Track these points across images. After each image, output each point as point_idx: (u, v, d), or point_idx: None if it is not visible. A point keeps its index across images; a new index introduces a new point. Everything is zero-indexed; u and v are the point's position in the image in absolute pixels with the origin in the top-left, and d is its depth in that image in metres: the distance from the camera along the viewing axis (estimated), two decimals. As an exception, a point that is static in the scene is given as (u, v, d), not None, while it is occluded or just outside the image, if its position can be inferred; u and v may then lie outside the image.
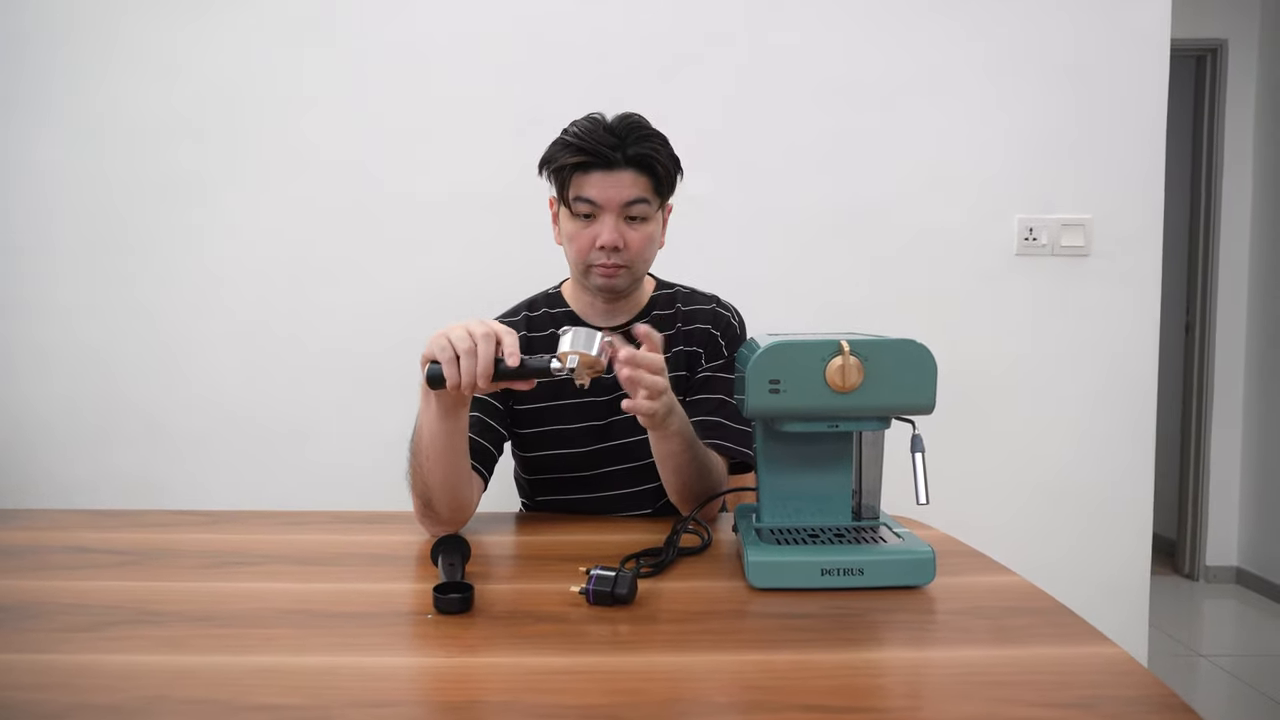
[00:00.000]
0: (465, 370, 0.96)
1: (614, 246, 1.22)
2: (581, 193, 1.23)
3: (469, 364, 0.96)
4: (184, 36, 2.03)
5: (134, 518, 1.24)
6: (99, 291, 2.06)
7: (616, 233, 1.22)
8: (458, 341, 0.96)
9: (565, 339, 0.98)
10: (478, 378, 0.96)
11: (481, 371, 0.96)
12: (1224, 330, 3.53)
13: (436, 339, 0.97)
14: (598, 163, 1.21)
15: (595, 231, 1.23)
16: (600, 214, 1.23)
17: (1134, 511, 2.11)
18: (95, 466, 2.07)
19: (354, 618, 0.84)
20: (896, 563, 0.91)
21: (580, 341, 0.98)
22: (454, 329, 0.97)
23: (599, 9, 2.03)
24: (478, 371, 0.96)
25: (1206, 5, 3.40)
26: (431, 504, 1.11)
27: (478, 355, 0.96)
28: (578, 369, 0.97)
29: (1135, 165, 2.07)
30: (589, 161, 1.21)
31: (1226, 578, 3.56)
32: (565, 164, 1.22)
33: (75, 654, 0.75)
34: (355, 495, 1.43)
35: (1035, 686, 0.68)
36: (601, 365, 0.98)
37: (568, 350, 0.97)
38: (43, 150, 2.05)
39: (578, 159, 1.21)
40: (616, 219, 1.23)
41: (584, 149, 1.21)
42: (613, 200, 1.22)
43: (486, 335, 0.96)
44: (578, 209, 1.23)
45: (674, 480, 1.16)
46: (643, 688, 0.68)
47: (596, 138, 1.21)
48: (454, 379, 0.96)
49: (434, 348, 0.97)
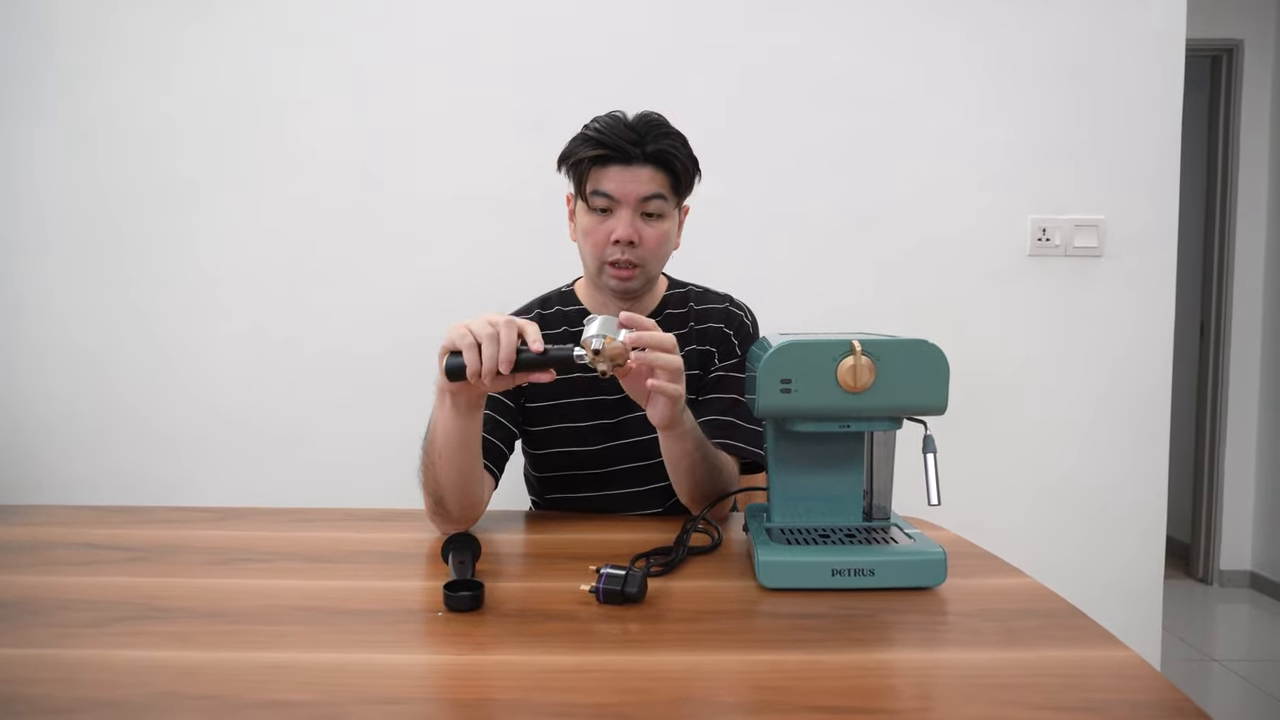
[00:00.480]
0: (487, 356, 0.94)
1: (629, 241, 1.22)
2: (599, 186, 1.23)
3: (491, 350, 0.94)
4: (182, 37, 2.03)
5: (141, 514, 1.25)
6: (95, 293, 2.06)
7: (632, 227, 1.22)
8: (479, 329, 0.95)
9: (591, 326, 0.97)
10: (499, 364, 0.94)
11: (504, 357, 0.94)
12: (1239, 331, 3.50)
13: (455, 328, 0.97)
14: (616, 157, 1.21)
15: (611, 226, 1.23)
16: (617, 209, 1.23)
17: (1147, 514, 2.10)
18: (95, 467, 2.08)
19: (364, 615, 0.84)
20: (907, 564, 0.91)
21: (606, 328, 0.97)
22: (473, 320, 0.97)
23: (602, 11, 2.03)
24: (500, 358, 0.94)
25: (1222, 6, 3.37)
26: (443, 502, 1.11)
27: (500, 341, 0.95)
28: (601, 353, 0.96)
29: (1149, 166, 2.06)
30: (608, 155, 1.21)
31: (1240, 581, 3.53)
32: (584, 157, 1.22)
33: (84, 649, 0.75)
34: (354, 497, 1.42)
35: (1046, 689, 0.68)
36: (626, 353, 0.98)
37: (592, 335, 0.97)
38: (39, 152, 2.05)
39: (597, 152, 1.21)
40: (633, 214, 1.23)
41: (604, 143, 1.21)
42: (630, 195, 1.22)
43: (508, 323, 0.96)
44: (594, 203, 1.23)
45: (686, 481, 1.16)
46: (652, 687, 0.68)
47: (617, 133, 1.21)
48: (474, 365, 0.95)
49: (453, 335, 0.96)
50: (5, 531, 1.14)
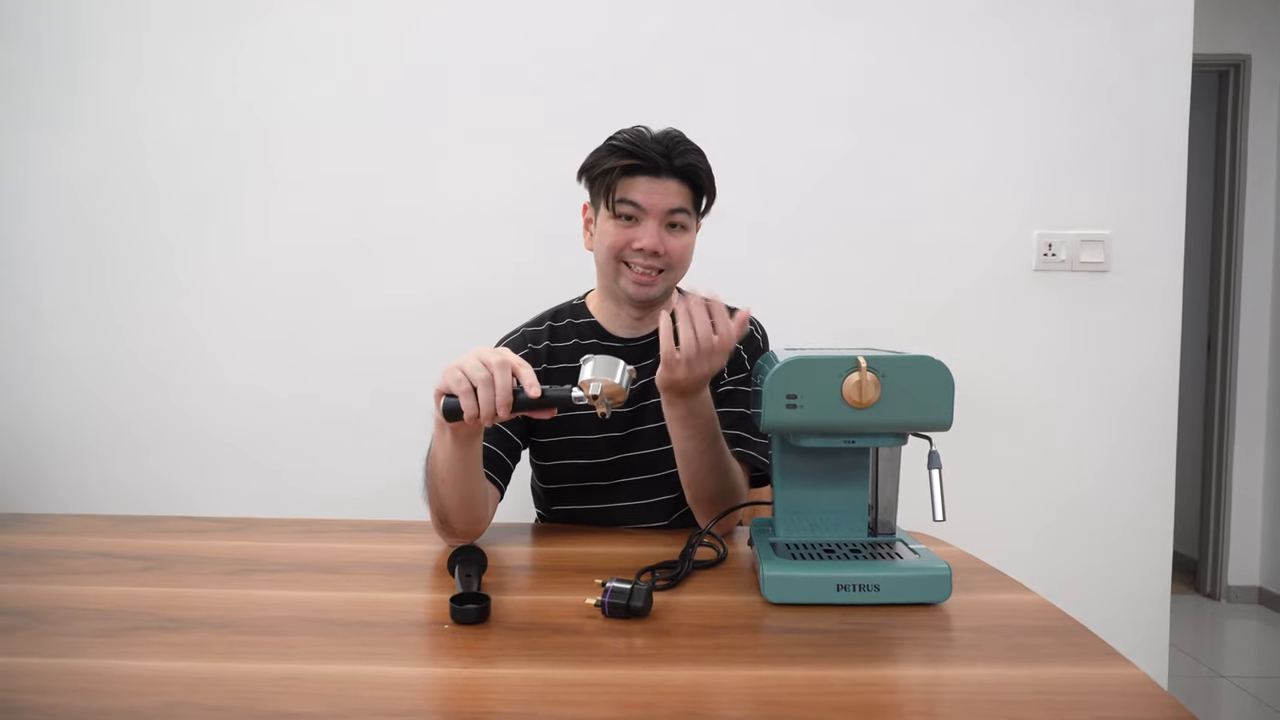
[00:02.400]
0: (484, 400, 0.95)
1: (654, 251, 1.24)
2: (627, 195, 1.24)
3: (487, 394, 0.95)
4: (201, 51, 2.05)
5: (155, 524, 1.26)
6: (113, 301, 2.08)
7: (657, 237, 1.24)
8: (472, 372, 0.95)
9: (587, 367, 0.98)
10: (497, 408, 0.95)
11: (500, 401, 0.95)
12: (1246, 347, 3.50)
13: (450, 372, 0.97)
14: (646, 168, 1.23)
15: (634, 235, 1.24)
16: (643, 218, 1.24)
17: (1154, 530, 2.09)
18: (104, 477, 2.09)
19: (372, 627, 0.84)
20: (913, 579, 0.91)
21: (602, 369, 0.97)
22: (466, 360, 0.97)
23: (613, 24, 2.05)
24: (496, 402, 0.95)
25: (1229, 20, 3.38)
26: (447, 520, 1.13)
27: (495, 385, 0.95)
28: (599, 397, 0.96)
29: (1156, 180, 2.06)
30: (637, 166, 1.23)
31: (1249, 598, 3.51)
32: (613, 166, 1.24)
33: (96, 659, 0.76)
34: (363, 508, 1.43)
35: (1051, 706, 0.68)
36: (624, 394, 0.98)
37: (589, 378, 0.97)
38: (51, 159, 2.07)
39: (627, 162, 1.23)
40: (659, 225, 1.24)
41: (634, 154, 1.23)
42: (657, 206, 1.24)
43: (502, 365, 0.96)
44: (620, 210, 1.25)
45: (695, 470, 1.16)
46: (657, 701, 0.69)
47: (646, 145, 1.24)
48: (471, 410, 0.95)
49: (449, 380, 0.97)
50: (18, 540, 1.15)
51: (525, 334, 1.37)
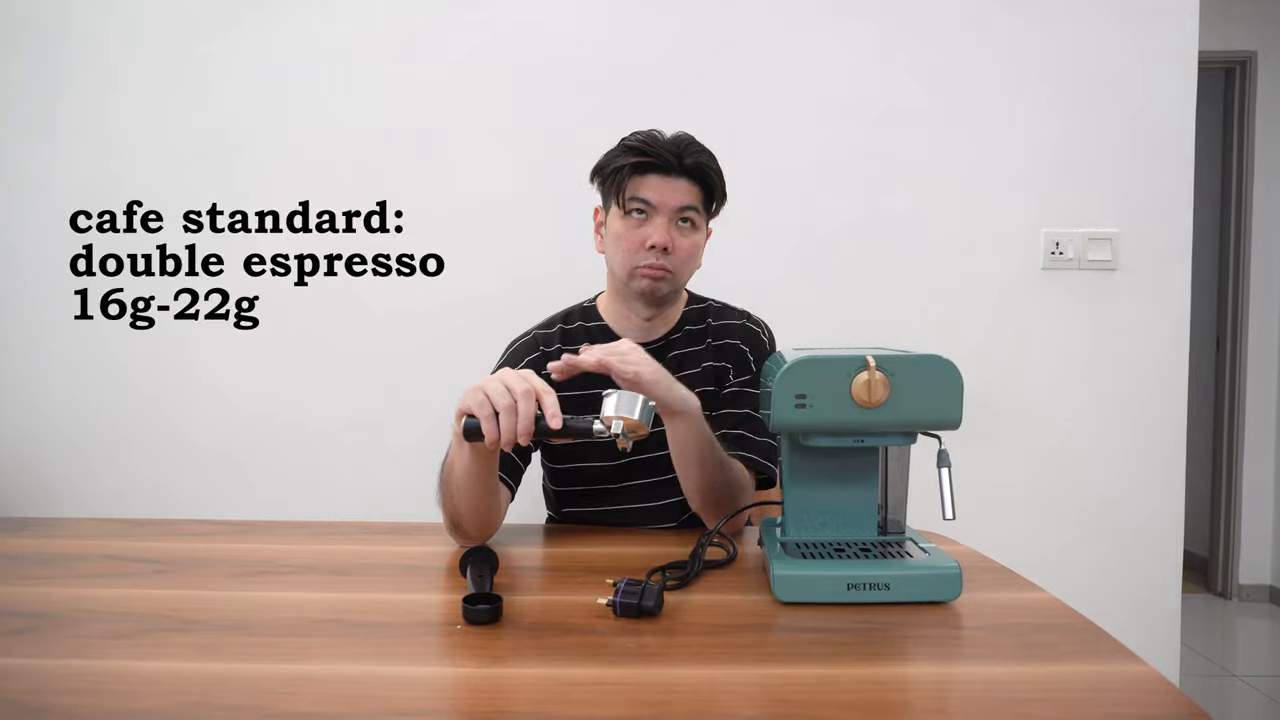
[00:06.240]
0: (505, 427, 0.94)
1: (664, 247, 1.25)
2: (638, 193, 1.26)
3: (509, 422, 0.94)
4: (207, 55, 2.07)
5: (166, 527, 1.26)
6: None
7: (667, 234, 1.26)
8: (496, 397, 0.94)
9: (609, 402, 0.97)
10: (518, 436, 0.94)
11: (522, 429, 0.94)
12: (1255, 345, 3.48)
13: (473, 394, 0.96)
14: (657, 166, 1.26)
15: (645, 233, 1.26)
16: (653, 215, 1.26)
17: (1165, 528, 2.09)
18: (118, 480, 2.11)
19: (385, 628, 0.85)
20: (923, 578, 0.91)
21: (624, 405, 0.97)
22: (490, 383, 0.96)
23: (620, 28, 2.05)
24: (518, 430, 0.94)
25: (1235, 17, 3.37)
26: (460, 524, 1.14)
27: (518, 414, 0.94)
28: (622, 433, 0.96)
29: (1163, 178, 2.06)
30: (648, 164, 1.26)
31: (1260, 596, 3.49)
32: (625, 164, 1.26)
33: (112, 660, 0.76)
34: (375, 510, 1.44)
35: (1063, 704, 0.68)
36: (645, 430, 0.98)
37: (611, 415, 0.96)
38: (59, 162, 2.09)
39: (639, 159, 1.25)
40: (669, 222, 1.26)
41: (645, 152, 1.26)
42: (667, 203, 1.26)
43: (527, 393, 0.95)
44: (631, 206, 1.27)
45: (695, 473, 1.16)
46: (669, 700, 0.69)
47: (657, 144, 1.27)
48: (493, 435, 0.94)
49: (471, 403, 0.96)
50: (33, 544, 1.16)
51: (537, 336, 1.37)
